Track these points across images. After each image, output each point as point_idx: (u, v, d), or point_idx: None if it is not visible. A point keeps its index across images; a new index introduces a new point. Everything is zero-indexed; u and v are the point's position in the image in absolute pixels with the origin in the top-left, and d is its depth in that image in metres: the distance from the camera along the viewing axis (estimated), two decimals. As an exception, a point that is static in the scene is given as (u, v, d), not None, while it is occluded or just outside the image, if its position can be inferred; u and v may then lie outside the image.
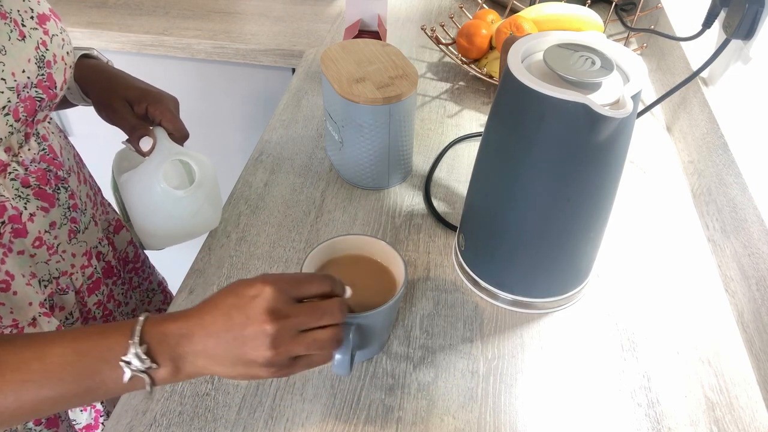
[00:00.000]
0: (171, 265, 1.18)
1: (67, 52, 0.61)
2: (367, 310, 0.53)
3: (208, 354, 0.46)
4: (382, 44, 0.79)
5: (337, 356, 0.52)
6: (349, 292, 0.51)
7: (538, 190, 0.57)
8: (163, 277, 0.94)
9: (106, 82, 0.68)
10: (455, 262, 0.71)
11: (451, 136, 0.91)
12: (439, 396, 0.58)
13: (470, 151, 0.88)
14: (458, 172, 0.84)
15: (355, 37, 0.98)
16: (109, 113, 0.67)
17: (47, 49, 0.58)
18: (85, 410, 0.69)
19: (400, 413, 0.57)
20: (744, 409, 0.58)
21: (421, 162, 0.86)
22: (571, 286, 0.65)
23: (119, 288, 0.77)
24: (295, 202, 0.79)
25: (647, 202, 0.80)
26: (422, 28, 1.04)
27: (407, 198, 0.80)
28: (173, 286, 0.83)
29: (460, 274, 0.70)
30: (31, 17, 0.57)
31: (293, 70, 1.21)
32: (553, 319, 0.66)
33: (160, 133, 0.65)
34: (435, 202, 0.79)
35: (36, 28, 0.57)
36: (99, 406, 0.70)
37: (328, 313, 0.48)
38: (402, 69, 0.75)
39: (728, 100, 0.79)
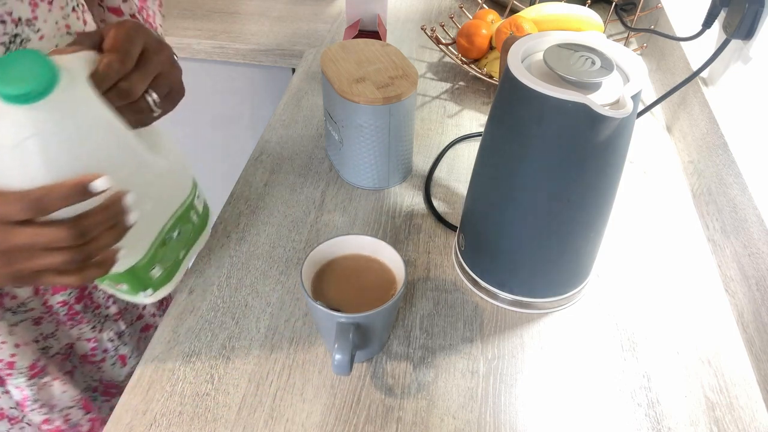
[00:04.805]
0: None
1: None
2: (367, 310, 0.53)
3: None
4: (382, 44, 0.79)
5: (337, 356, 0.52)
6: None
7: (538, 190, 0.57)
8: None
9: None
10: (455, 262, 0.71)
11: (451, 136, 0.91)
12: (439, 396, 0.58)
13: (470, 151, 0.88)
14: (458, 172, 0.84)
15: (355, 37, 0.98)
16: None
17: None
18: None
19: (400, 413, 0.57)
20: (744, 409, 0.58)
21: (421, 162, 0.86)
22: (571, 286, 0.65)
23: (100, 291, 0.71)
24: (295, 202, 0.79)
25: (647, 202, 0.80)
26: (422, 28, 1.04)
27: (407, 198, 0.80)
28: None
29: (460, 274, 0.70)
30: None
31: (293, 70, 1.21)
32: (553, 319, 0.66)
33: (79, 61, 0.43)
34: (435, 202, 0.79)
35: None
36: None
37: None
38: (402, 69, 0.75)
39: (728, 100, 0.79)
